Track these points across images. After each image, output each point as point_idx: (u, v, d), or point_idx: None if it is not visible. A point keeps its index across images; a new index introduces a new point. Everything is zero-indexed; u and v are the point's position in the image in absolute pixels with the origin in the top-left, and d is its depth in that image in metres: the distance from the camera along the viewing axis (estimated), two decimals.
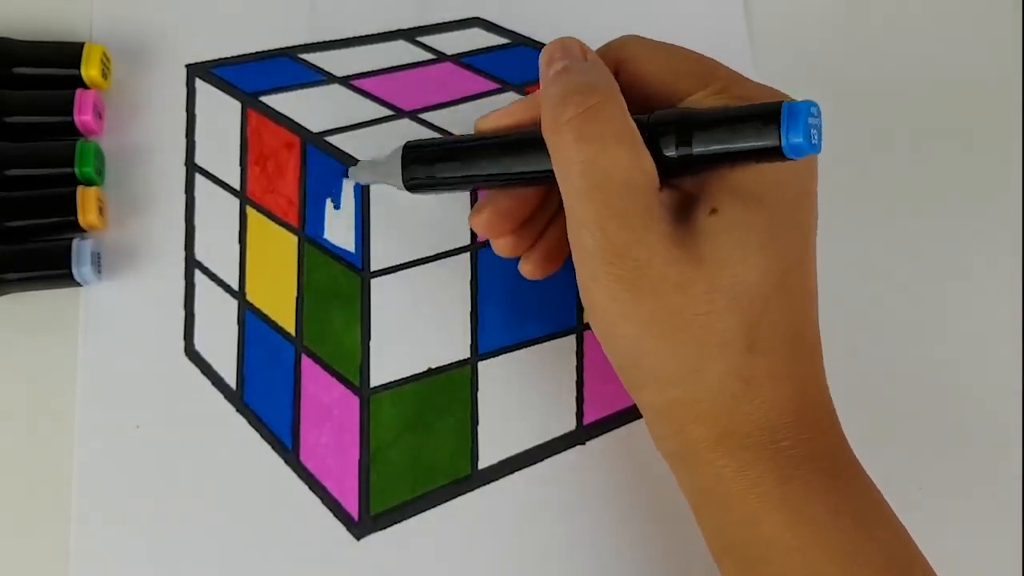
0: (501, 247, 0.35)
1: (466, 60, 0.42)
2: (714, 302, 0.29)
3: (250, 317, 0.39)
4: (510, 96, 0.42)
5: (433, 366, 0.38)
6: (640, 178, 0.28)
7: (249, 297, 0.39)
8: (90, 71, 0.39)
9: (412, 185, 0.35)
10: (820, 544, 0.29)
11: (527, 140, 0.32)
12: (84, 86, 0.39)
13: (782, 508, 0.29)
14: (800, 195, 0.30)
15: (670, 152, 0.29)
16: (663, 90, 0.31)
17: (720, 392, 0.29)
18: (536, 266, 0.35)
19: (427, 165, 0.34)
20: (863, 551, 0.29)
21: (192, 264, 0.39)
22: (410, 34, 0.43)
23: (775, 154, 0.27)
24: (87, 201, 0.37)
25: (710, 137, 0.28)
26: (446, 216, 0.40)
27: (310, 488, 0.37)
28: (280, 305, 0.39)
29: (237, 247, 0.39)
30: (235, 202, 0.40)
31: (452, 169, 0.34)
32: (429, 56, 0.42)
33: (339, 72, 0.42)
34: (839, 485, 0.30)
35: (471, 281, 0.39)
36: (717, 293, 0.29)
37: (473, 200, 0.40)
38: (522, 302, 0.39)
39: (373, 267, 0.39)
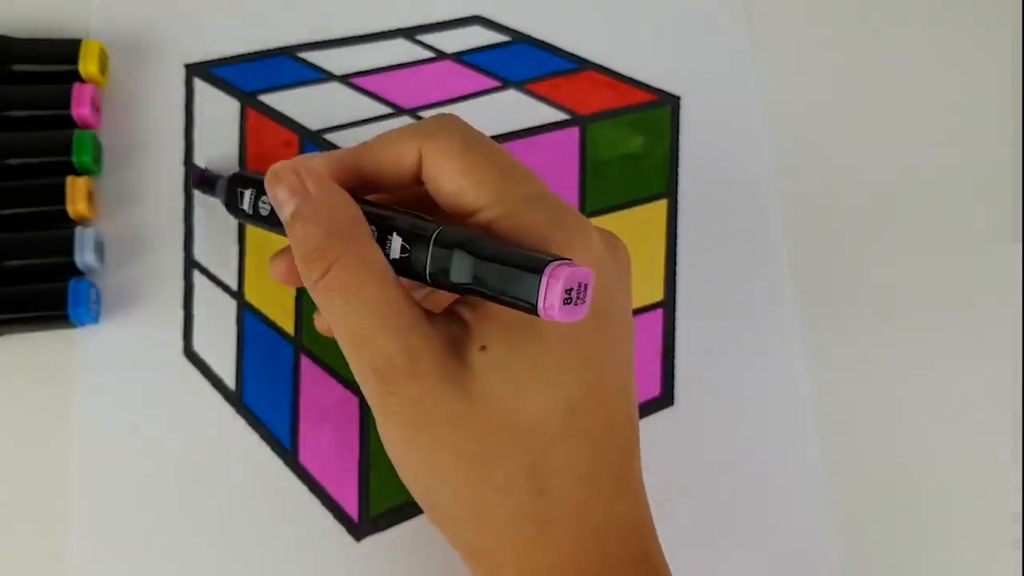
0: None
1: (465, 58, 0.42)
2: (490, 441, 0.27)
3: (249, 317, 0.38)
4: (510, 94, 0.42)
5: None
6: (394, 320, 0.27)
7: (248, 297, 0.39)
8: (88, 66, 0.39)
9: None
10: None
11: None
12: (82, 82, 0.39)
13: None
14: (582, 326, 0.26)
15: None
16: (457, 197, 0.28)
17: (514, 538, 0.28)
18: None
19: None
20: None
21: (191, 264, 0.39)
22: (409, 32, 0.42)
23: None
24: (76, 190, 0.37)
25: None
26: None
27: (310, 489, 0.37)
28: (279, 305, 0.39)
29: (236, 247, 0.39)
30: None
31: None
32: (428, 54, 0.42)
33: (338, 70, 0.41)
34: None
35: None
36: (493, 432, 0.27)
37: None
38: None
39: None
